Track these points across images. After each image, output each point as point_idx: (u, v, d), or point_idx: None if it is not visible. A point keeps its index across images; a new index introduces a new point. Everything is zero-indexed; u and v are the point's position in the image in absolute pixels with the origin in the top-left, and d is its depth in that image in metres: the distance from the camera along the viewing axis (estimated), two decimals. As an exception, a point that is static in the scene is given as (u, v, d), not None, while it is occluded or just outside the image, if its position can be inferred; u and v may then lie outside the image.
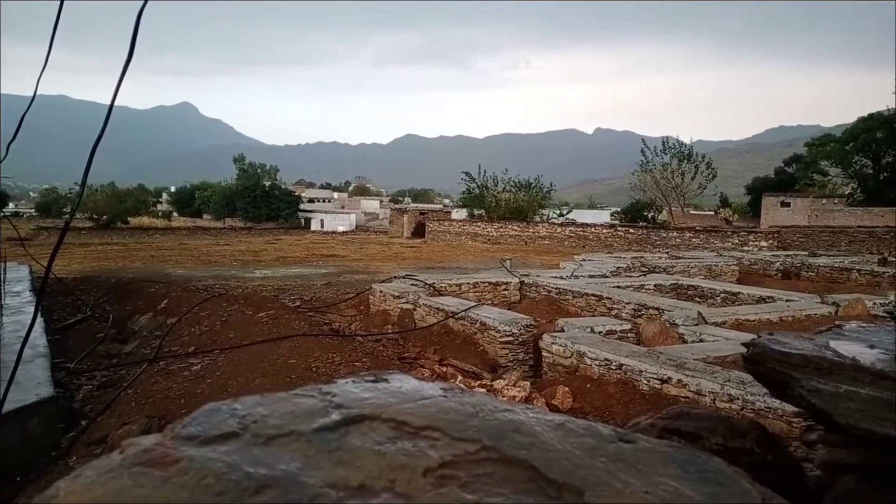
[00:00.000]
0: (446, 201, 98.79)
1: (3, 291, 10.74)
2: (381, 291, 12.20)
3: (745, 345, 1.50)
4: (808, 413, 1.36)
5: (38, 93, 4.10)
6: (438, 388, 0.84)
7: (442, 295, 11.85)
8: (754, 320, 9.75)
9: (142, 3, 2.01)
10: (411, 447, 0.67)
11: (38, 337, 7.75)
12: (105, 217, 46.97)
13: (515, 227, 36.25)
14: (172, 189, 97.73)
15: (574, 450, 0.71)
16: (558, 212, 46.24)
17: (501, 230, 36.64)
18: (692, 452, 0.75)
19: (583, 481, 0.65)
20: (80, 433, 6.09)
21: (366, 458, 0.64)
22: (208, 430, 0.67)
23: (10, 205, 75.37)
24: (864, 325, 1.67)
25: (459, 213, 49.61)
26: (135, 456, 0.61)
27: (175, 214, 74.68)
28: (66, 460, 5.60)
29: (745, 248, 26.24)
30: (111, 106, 2.18)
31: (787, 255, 21.48)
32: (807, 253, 23.48)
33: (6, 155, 5.01)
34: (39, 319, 8.17)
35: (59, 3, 2.98)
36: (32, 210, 74.02)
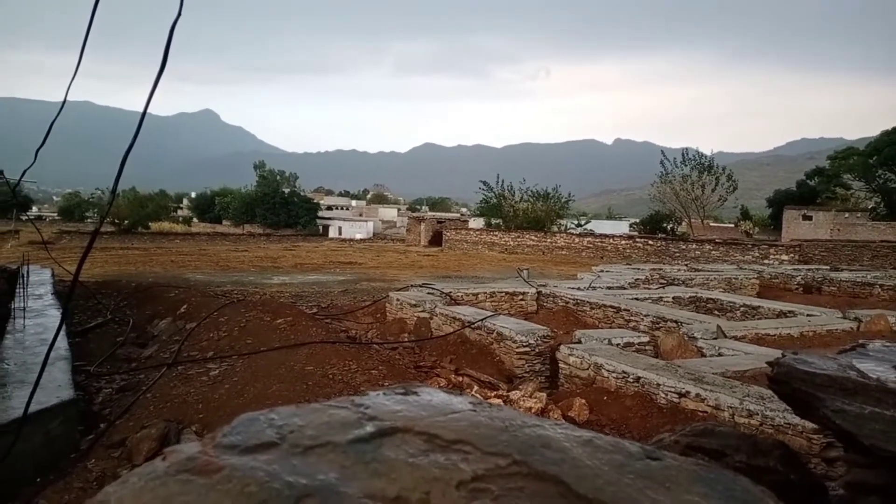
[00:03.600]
0: (463, 210, 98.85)
1: (25, 294, 10.91)
2: (397, 300, 12.23)
3: (770, 364, 1.49)
4: (832, 433, 1.36)
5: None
6: (468, 402, 0.86)
7: (458, 304, 11.86)
8: (774, 335, 9.65)
9: (175, 16, 2.05)
10: (444, 460, 0.69)
11: (60, 340, 7.85)
12: (126, 222, 47.50)
13: (533, 237, 36.18)
14: (193, 195, 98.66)
15: (603, 466, 0.72)
16: (576, 222, 46.08)
17: (518, 240, 36.58)
18: (719, 471, 0.76)
19: (612, 498, 0.66)
20: (100, 436, 6.16)
21: (401, 470, 0.66)
22: (248, 439, 0.69)
23: (34, 208, 76.47)
24: (888, 344, 1.65)
25: (476, 223, 49.60)
26: (179, 463, 0.63)
27: (195, 220, 75.33)
28: (85, 462, 5.67)
29: (766, 261, 25.98)
30: (142, 119, 2.22)
31: (809, 269, 21.24)
32: (828, 267, 23.21)
33: (34, 161, 5.10)
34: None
35: (90, 12, 3.05)
36: (55, 214, 75.04)
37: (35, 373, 5.25)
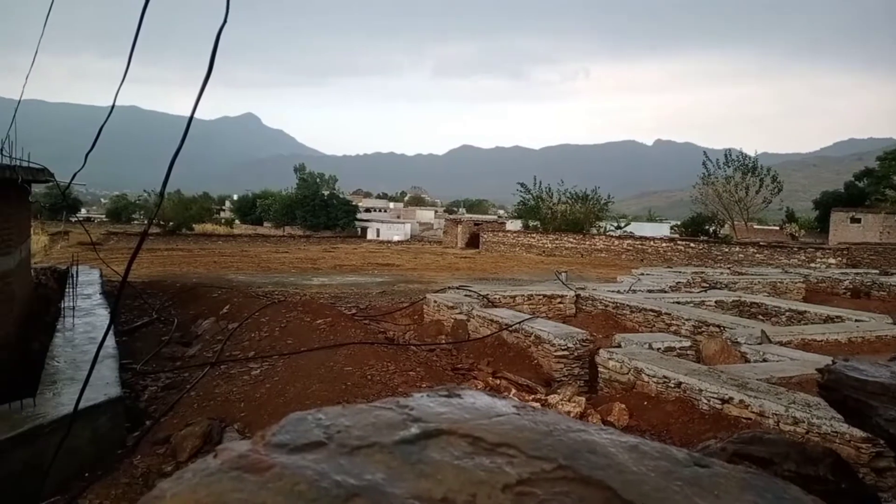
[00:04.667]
0: (501, 212, 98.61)
1: (74, 294, 11.23)
2: (435, 302, 12.26)
3: (819, 370, 1.46)
4: (885, 442, 1.32)
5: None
6: (511, 405, 0.86)
7: (496, 307, 11.83)
8: (821, 340, 9.42)
9: (221, 23, 2.10)
10: (489, 463, 0.69)
11: (108, 338, 8.06)
12: (171, 223, 48.56)
13: (571, 240, 35.88)
14: (235, 197, 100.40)
15: (649, 472, 0.71)
16: (616, 224, 45.54)
17: (557, 242, 36.32)
18: (769, 479, 0.75)
19: (660, 504, 0.65)
20: (145, 433, 6.32)
21: (446, 472, 0.67)
22: (297, 438, 0.71)
23: (83, 210, 78.68)
24: (944, 351, 1.60)
25: (514, 225, 49.40)
26: (231, 461, 0.65)
27: (237, 222, 76.65)
28: (131, 459, 5.81)
29: (812, 264, 25.33)
30: (188, 125, 2.27)
31: (857, 273, 20.63)
32: (878, 271, 22.50)
33: (84, 164, 5.26)
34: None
35: (138, 21, 3.14)
36: (103, 216, 77.06)
37: (84, 370, 5.40)
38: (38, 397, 5.86)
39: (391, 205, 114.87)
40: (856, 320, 11.09)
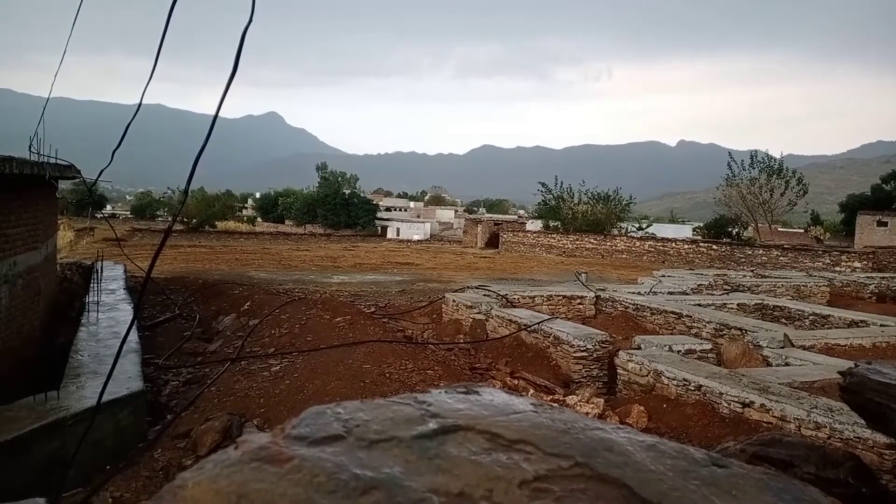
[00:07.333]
0: (521, 212, 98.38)
1: (99, 289, 11.39)
2: (453, 301, 12.27)
3: (841, 373, 1.44)
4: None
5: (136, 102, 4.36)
6: (529, 403, 0.86)
7: (515, 307, 11.81)
8: (845, 345, 9.28)
9: (247, 22, 2.12)
10: (506, 459, 0.70)
11: (131, 333, 8.17)
12: (194, 220, 48.99)
13: (592, 240, 35.69)
14: (257, 195, 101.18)
15: (667, 471, 0.72)
16: (637, 225, 45.18)
17: (577, 243, 36.14)
18: (788, 480, 0.74)
19: (676, 503, 0.65)
20: (166, 427, 6.41)
21: (463, 467, 0.67)
22: (316, 431, 0.72)
23: (108, 207, 79.77)
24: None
25: (534, 225, 49.21)
26: (252, 452, 0.66)
27: (259, 219, 77.24)
28: (151, 452, 5.90)
29: (837, 268, 24.95)
30: (212, 124, 2.30)
31: (883, 278, 20.27)
32: (905, 276, 22.09)
33: (110, 161, 5.33)
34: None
35: (165, 21, 3.18)
36: (128, 212, 78.05)
37: (107, 364, 5.48)
38: (61, 390, 5.96)
39: (411, 204, 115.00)
40: (881, 325, 10.91)
